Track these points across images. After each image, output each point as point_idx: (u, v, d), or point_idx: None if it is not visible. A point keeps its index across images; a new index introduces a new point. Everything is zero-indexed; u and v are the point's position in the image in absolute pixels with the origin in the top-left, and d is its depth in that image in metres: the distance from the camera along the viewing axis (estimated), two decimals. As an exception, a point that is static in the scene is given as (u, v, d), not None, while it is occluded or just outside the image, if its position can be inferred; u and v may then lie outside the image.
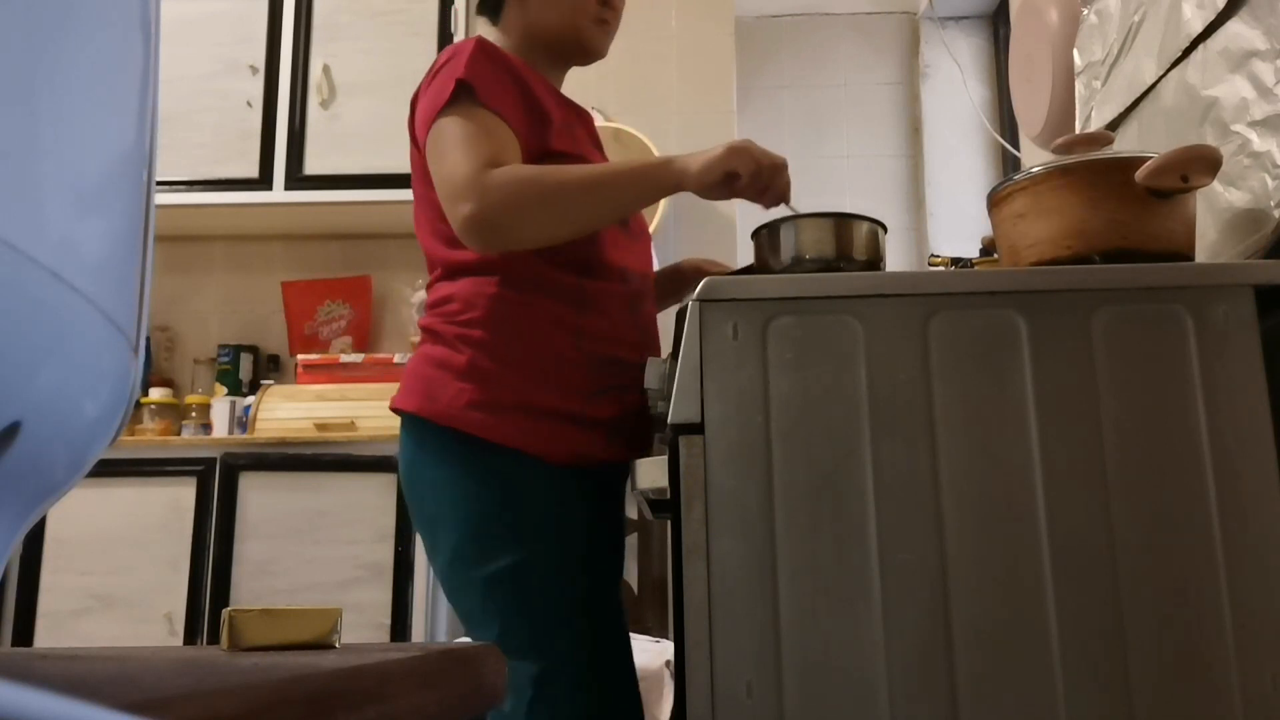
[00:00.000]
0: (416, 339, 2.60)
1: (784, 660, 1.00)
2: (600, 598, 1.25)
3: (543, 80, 1.32)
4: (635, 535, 2.64)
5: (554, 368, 1.23)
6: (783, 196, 1.23)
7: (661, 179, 1.20)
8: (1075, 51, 1.86)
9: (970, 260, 1.50)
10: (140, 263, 0.30)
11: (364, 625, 2.34)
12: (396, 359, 2.73)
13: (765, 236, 1.24)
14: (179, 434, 2.78)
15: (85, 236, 0.25)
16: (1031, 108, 2.23)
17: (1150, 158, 1.12)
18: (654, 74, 2.99)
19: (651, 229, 2.66)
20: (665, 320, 1.32)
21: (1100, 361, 1.05)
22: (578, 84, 1.20)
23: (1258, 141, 1.23)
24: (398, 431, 1.29)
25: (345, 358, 2.75)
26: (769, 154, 1.21)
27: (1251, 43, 1.25)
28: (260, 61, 2.88)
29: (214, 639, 2.37)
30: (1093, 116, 1.74)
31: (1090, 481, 1.02)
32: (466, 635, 1.28)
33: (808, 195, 3.78)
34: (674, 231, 2.86)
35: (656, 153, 2.77)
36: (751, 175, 1.19)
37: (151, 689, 0.24)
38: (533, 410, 1.21)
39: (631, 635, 2.44)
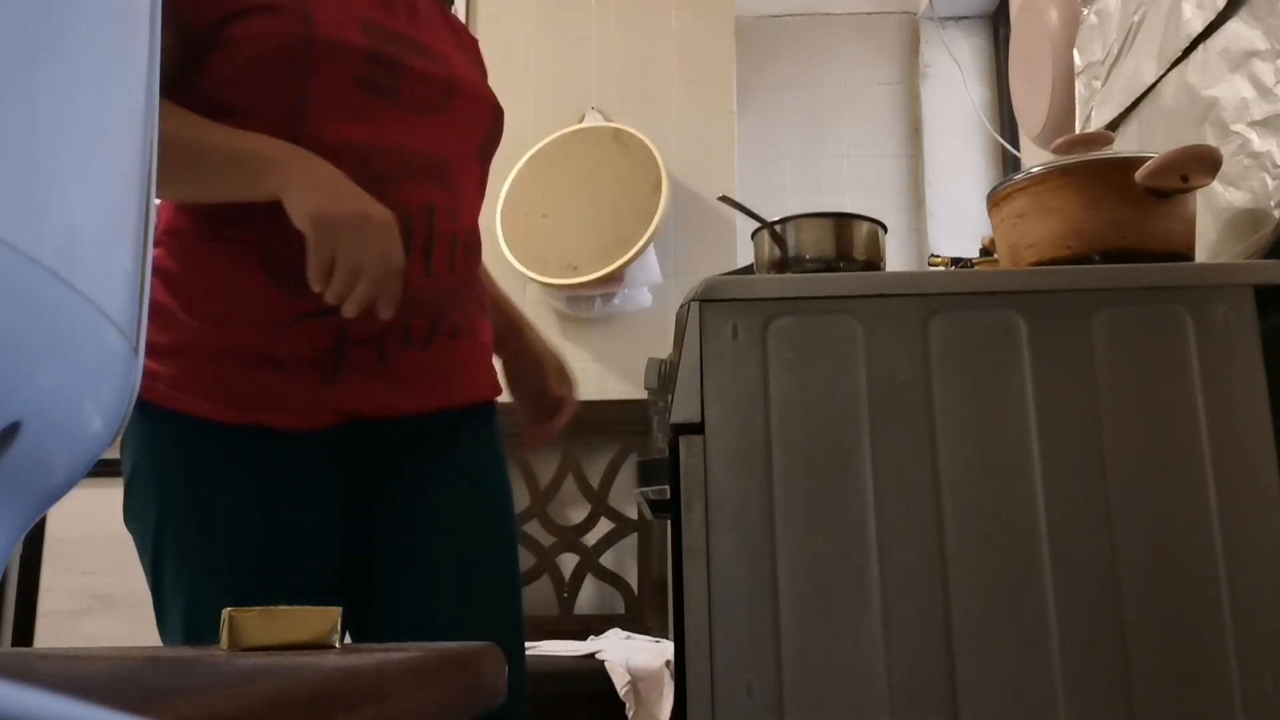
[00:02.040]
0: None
1: (784, 660, 1.00)
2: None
3: None
4: (635, 535, 2.65)
5: (232, 290, 0.98)
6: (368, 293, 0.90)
7: (264, 177, 0.93)
8: (1075, 51, 1.86)
9: (970, 260, 1.50)
10: (140, 263, 0.30)
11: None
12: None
13: (765, 236, 1.24)
14: (179, 434, 2.78)
15: (85, 237, 0.25)
16: (1031, 108, 2.23)
17: (1150, 158, 1.12)
18: (654, 74, 2.99)
19: (651, 229, 2.66)
20: (664, 318, 1.28)
21: (1100, 361, 1.05)
22: (577, 84, 1.18)
23: (1258, 141, 1.23)
24: None
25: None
26: (369, 234, 0.90)
27: (1251, 43, 1.25)
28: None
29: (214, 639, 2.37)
30: (1093, 116, 1.74)
31: (1090, 481, 1.02)
32: None
33: (808, 195, 3.76)
34: (674, 232, 2.86)
35: (658, 155, 2.77)
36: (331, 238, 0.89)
37: (151, 689, 0.24)
38: (196, 352, 0.98)
39: (632, 635, 2.44)
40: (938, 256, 1.58)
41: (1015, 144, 2.91)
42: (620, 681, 1.97)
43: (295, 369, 0.98)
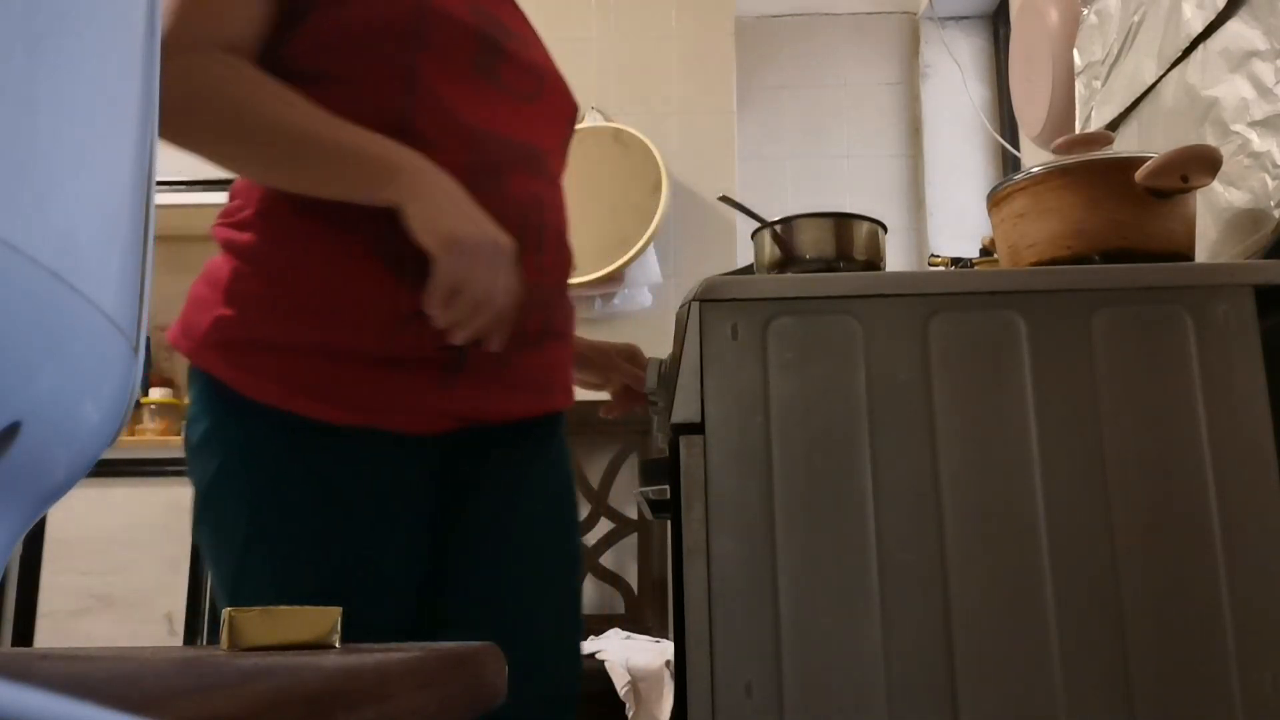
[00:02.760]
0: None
1: (784, 660, 1.00)
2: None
3: None
4: (635, 535, 2.65)
5: (344, 282, 0.90)
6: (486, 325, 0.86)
7: (383, 183, 0.85)
8: (1075, 51, 1.86)
9: (970, 260, 1.50)
10: (140, 263, 0.30)
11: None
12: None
13: (765, 236, 1.24)
14: (179, 434, 2.78)
15: (85, 236, 0.25)
16: (1031, 108, 2.23)
17: (1150, 158, 1.12)
18: (654, 74, 2.99)
19: (651, 229, 2.66)
20: (664, 319, 1.27)
21: (1100, 361, 1.05)
22: (577, 84, 1.18)
23: (1258, 141, 1.23)
24: None
25: (345, 358, 2.74)
26: (495, 275, 0.85)
27: (1251, 43, 1.25)
28: (260, 61, 2.88)
29: (214, 639, 2.37)
30: (1093, 116, 1.74)
31: (1090, 481, 1.02)
32: None
33: (808, 195, 3.76)
34: (674, 232, 2.86)
35: (658, 155, 2.76)
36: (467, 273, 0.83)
37: (151, 689, 0.24)
38: (305, 348, 0.89)
39: (632, 635, 2.44)
40: (938, 256, 1.58)
41: (1015, 144, 2.91)
42: (620, 681, 1.97)
43: (413, 368, 0.90)
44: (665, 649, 2.10)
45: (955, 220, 3.22)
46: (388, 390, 0.90)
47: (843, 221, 1.22)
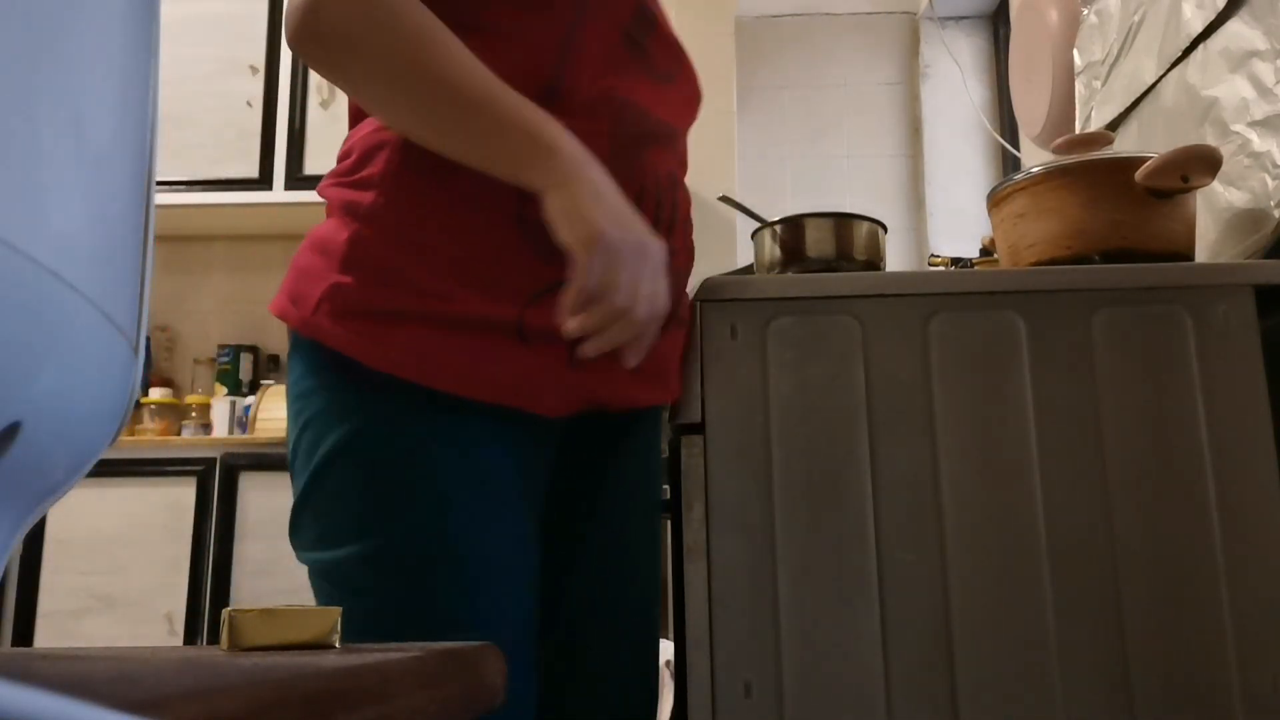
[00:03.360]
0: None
1: (784, 660, 1.00)
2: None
3: None
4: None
5: (478, 250, 0.84)
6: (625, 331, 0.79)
7: (532, 162, 0.79)
8: (1075, 51, 1.86)
9: (970, 260, 1.50)
10: (140, 263, 0.30)
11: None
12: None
13: (765, 236, 1.24)
14: (179, 434, 2.78)
15: (85, 237, 0.25)
16: (1031, 108, 2.23)
17: (1150, 158, 1.12)
18: (654, 74, 2.99)
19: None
20: None
21: (1100, 361, 1.05)
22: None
23: (1258, 141, 1.23)
24: None
25: (345, 358, 2.74)
26: (641, 279, 0.78)
27: (1251, 43, 1.25)
28: (260, 61, 2.88)
29: (214, 639, 2.37)
30: (1093, 116, 1.74)
31: (1090, 481, 1.02)
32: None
33: (808, 195, 3.76)
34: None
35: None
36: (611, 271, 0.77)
37: (151, 689, 0.24)
38: (435, 319, 0.83)
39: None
40: (938, 256, 1.58)
41: (1015, 144, 2.91)
42: (620, 681, 1.97)
43: (542, 344, 0.84)
44: (665, 649, 2.10)
45: (955, 220, 3.22)
46: (518, 367, 0.84)
47: (843, 221, 1.22)
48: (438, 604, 0.81)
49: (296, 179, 2.79)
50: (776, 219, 1.24)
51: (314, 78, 2.84)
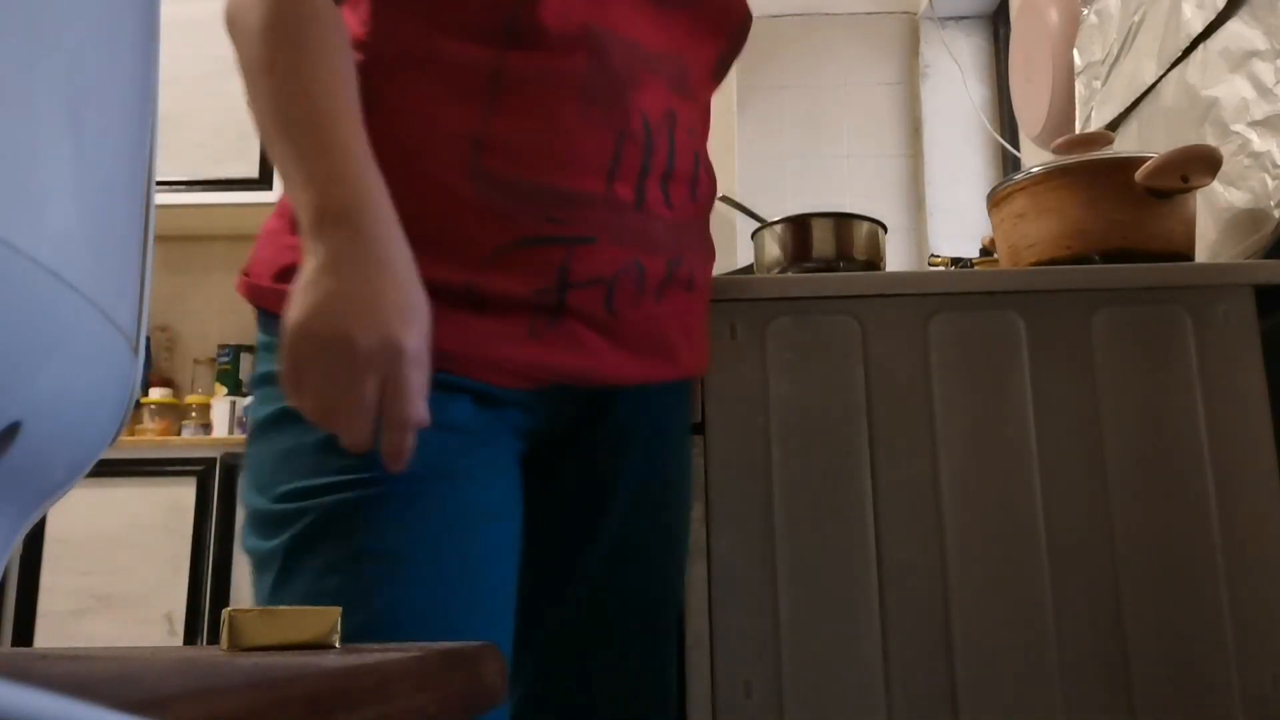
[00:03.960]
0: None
1: (784, 660, 1.00)
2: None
3: None
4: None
5: (426, 207, 0.75)
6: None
7: (319, 213, 0.69)
8: (1075, 51, 1.86)
9: (970, 260, 1.50)
10: (140, 263, 0.30)
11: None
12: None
13: (765, 236, 1.24)
14: (179, 434, 2.78)
15: (85, 236, 0.25)
16: (1031, 108, 2.23)
17: (1150, 158, 1.12)
18: (654, 74, 2.99)
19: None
20: None
21: (1100, 361, 1.05)
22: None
23: (1258, 141, 1.23)
24: None
25: (345, 358, 2.74)
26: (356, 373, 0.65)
27: (1251, 43, 1.25)
28: (260, 61, 2.87)
29: (214, 639, 2.37)
30: (1093, 116, 1.74)
31: (1090, 481, 1.02)
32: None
33: (808, 195, 3.75)
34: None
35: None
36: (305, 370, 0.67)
37: (151, 689, 0.24)
38: None
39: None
40: (938, 256, 1.58)
41: (1015, 144, 2.91)
42: (620, 681, 1.96)
43: (501, 311, 0.76)
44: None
45: (955, 220, 3.22)
46: (467, 335, 0.76)
47: (843, 221, 1.22)
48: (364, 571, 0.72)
49: (296, 179, 2.79)
50: (776, 219, 1.24)
51: (314, 78, 2.84)
